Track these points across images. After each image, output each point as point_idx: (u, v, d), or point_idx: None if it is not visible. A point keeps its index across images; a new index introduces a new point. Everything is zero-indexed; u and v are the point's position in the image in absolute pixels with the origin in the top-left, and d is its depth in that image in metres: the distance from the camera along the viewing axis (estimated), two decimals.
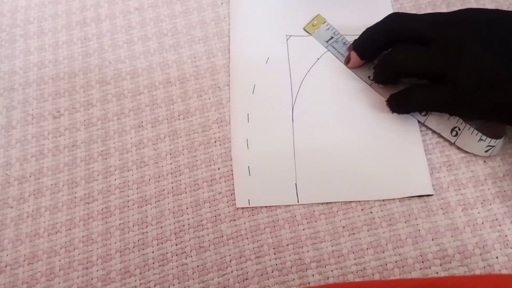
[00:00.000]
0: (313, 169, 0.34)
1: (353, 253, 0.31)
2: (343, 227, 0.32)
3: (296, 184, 0.33)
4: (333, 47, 0.37)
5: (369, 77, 0.35)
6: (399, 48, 0.32)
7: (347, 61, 0.36)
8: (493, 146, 0.32)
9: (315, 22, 0.38)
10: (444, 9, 0.38)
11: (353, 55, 0.35)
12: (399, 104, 0.34)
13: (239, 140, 0.35)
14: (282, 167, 0.34)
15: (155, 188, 0.34)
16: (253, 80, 0.37)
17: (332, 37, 0.38)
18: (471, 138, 0.32)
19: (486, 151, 0.32)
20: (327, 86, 0.36)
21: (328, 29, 0.38)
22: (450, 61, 0.30)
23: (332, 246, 0.32)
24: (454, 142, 0.33)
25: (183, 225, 0.33)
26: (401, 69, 0.32)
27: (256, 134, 0.35)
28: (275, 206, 0.33)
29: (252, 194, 0.33)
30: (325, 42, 0.38)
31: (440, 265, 0.30)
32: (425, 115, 0.34)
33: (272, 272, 0.31)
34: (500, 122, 0.33)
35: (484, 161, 0.33)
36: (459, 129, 0.33)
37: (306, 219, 0.32)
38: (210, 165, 0.35)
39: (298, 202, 0.33)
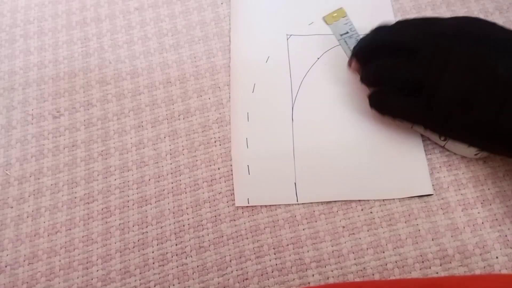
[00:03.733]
0: (312, 169, 0.34)
1: (353, 253, 0.31)
2: (343, 227, 0.32)
3: (295, 183, 0.33)
4: (345, 41, 0.37)
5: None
6: (378, 61, 0.32)
7: (349, 65, 0.36)
8: (482, 151, 0.32)
9: (335, 14, 0.38)
10: (444, 9, 0.38)
11: (353, 60, 0.35)
12: (377, 104, 0.33)
13: (238, 139, 0.35)
14: (282, 166, 0.34)
15: (155, 188, 0.34)
16: (253, 79, 0.37)
17: (347, 32, 0.37)
18: (460, 144, 0.32)
19: (476, 155, 0.32)
20: (327, 85, 0.36)
21: (346, 23, 0.38)
22: (432, 73, 0.29)
23: (332, 246, 0.32)
24: (444, 146, 0.33)
25: (183, 225, 0.33)
26: (378, 81, 0.32)
27: (255, 133, 0.35)
28: (275, 206, 0.33)
29: (252, 193, 0.33)
30: (339, 35, 0.37)
31: (440, 265, 0.30)
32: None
33: (272, 272, 0.31)
34: (470, 145, 0.31)
35: (484, 161, 0.33)
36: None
37: (306, 219, 0.32)
38: (210, 165, 0.35)
39: (297, 201, 0.33)
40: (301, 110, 0.36)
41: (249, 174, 0.34)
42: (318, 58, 0.37)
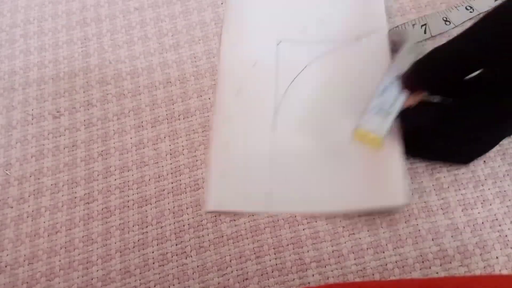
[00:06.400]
0: (287, 178, 0.33)
1: (353, 253, 0.31)
2: (343, 227, 0.32)
3: (268, 192, 0.32)
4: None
5: None
6: None
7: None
8: None
9: None
10: (443, 8, 0.38)
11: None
12: None
13: (218, 142, 0.34)
14: (257, 173, 0.33)
15: (155, 188, 0.34)
16: (238, 83, 0.36)
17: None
18: None
19: None
20: (311, 94, 0.35)
21: None
22: None
23: (332, 246, 0.32)
24: None
25: (183, 225, 0.33)
26: None
27: (235, 137, 0.34)
28: None
29: (223, 198, 0.32)
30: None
31: (440, 265, 0.30)
32: None
33: (272, 272, 0.31)
34: None
35: (484, 161, 0.33)
36: None
37: (306, 219, 0.32)
38: None
39: (268, 210, 0.32)
40: (284, 117, 0.35)
41: (223, 178, 0.33)
42: (306, 66, 0.36)
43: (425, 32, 0.37)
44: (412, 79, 0.28)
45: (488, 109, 0.25)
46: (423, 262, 0.31)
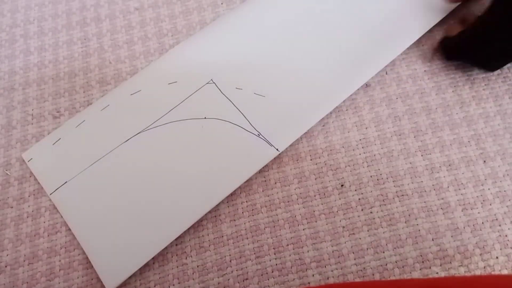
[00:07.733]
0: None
1: (353, 253, 0.31)
2: (343, 227, 0.32)
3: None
4: None
5: None
6: None
7: None
8: None
9: None
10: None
11: None
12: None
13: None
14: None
15: None
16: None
17: None
18: None
19: None
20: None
21: None
22: None
23: (332, 246, 0.32)
24: None
25: None
26: None
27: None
28: (275, 206, 0.33)
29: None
30: None
31: (440, 265, 0.30)
32: None
33: (272, 272, 0.31)
34: None
35: (484, 161, 0.33)
36: None
37: (306, 219, 0.32)
38: None
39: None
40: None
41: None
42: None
43: None
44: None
45: None
46: (423, 262, 0.31)
